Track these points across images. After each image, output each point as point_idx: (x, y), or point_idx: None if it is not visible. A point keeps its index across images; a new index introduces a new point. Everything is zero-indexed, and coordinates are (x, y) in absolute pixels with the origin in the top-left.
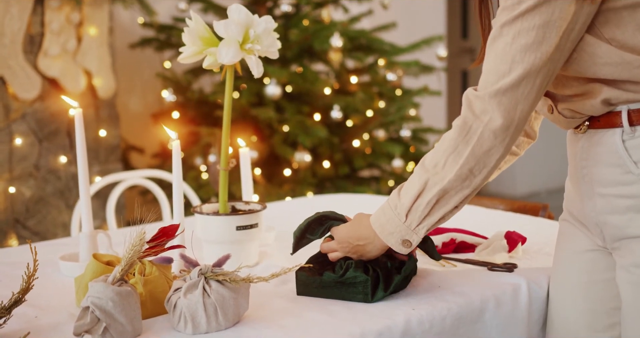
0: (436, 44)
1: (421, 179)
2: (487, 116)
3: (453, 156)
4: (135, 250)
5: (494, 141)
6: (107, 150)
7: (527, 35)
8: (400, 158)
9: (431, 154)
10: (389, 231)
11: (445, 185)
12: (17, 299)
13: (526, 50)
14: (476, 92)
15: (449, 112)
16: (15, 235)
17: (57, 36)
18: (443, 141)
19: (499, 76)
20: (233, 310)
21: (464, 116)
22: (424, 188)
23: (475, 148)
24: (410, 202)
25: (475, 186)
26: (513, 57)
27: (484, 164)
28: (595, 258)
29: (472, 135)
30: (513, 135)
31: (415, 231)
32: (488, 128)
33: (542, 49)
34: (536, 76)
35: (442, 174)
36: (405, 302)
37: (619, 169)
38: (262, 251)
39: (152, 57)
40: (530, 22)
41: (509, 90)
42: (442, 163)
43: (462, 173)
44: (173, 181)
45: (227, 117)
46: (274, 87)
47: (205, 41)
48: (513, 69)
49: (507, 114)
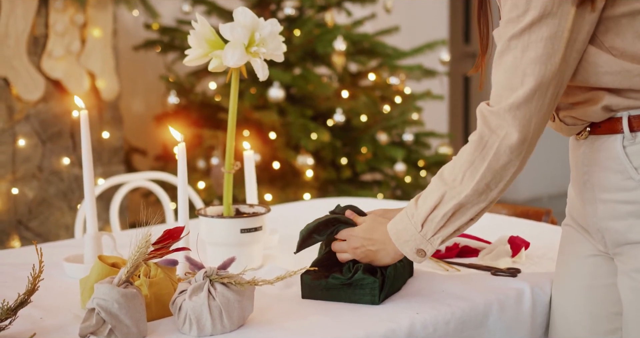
0: (439, 48)
1: (439, 192)
2: (503, 131)
3: (470, 171)
4: (140, 252)
5: (510, 156)
6: (110, 152)
7: (535, 47)
8: (402, 162)
9: (450, 167)
10: (404, 239)
11: (462, 200)
12: (23, 300)
13: (536, 62)
14: (490, 108)
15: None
16: (17, 236)
17: (61, 38)
18: (460, 155)
19: (511, 90)
20: (238, 313)
21: (480, 131)
22: (441, 200)
23: (491, 163)
24: (426, 213)
25: (491, 199)
26: (524, 70)
27: (500, 178)
28: (597, 263)
29: (488, 150)
30: (529, 148)
31: (430, 241)
32: (504, 143)
33: (552, 61)
34: (547, 88)
35: (459, 188)
36: (409, 305)
37: (620, 175)
38: (266, 254)
39: (156, 59)
40: (537, 35)
41: (523, 104)
42: (459, 178)
43: (479, 188)
44: (178, 184)
45: (232, 120)
46: (277, 90)
47: (211, 44)
48: (525, 83)
49: (523, 128)
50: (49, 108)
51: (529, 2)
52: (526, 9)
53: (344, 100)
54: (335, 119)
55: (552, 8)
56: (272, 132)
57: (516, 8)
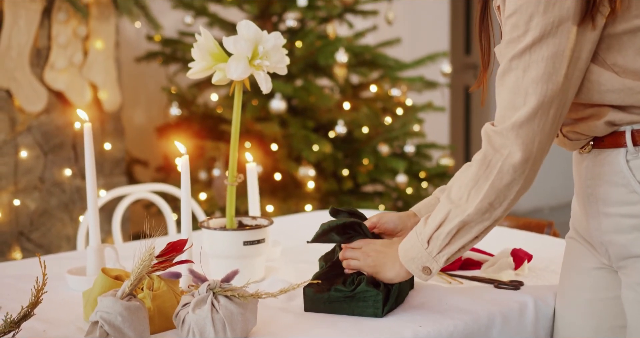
0: (440, 60)
1: (444, 210)
2: (506, 150)
3: (474, 190)
4: (144, 264)
5: (514, 175)
6: (111, 163)
7: (537, 67)
8: (403, 174)
9: (457, 185)
10: (410, 257)
11: (465, 218)
12: (26, 313)
13: (537, 82)
14: (494, 127)
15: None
16: (19, 248)
17: (64, 49)
18: (466, 174)
19: (514, 109)
20: (241, 326)
21: (484, 151)
22: (446, 218)
23: (495, 182)
24: (432, 230)
25: (495, 218)
26: (526, 89)
27: (504, 197)
28: (601, 276)
29: (492, 169)
30: (533, 167)
31: (435, 258)
32: (507, 162)
33: (553, 80)
34: (549, 107)
35: (463, 207)
36: (412, 318)
37: (624, 188)
38: (269, 266)
39: (158, 71)
40: (538, 54)
41: (525, 123)
42: (465, 197)
43: (482, 207)
44: (182, 196)
45: (235, 133)
46: (279, 102)
47: (215, 57)
48: (527, 102)
49: (526, 147)
50: (51, 120)
51: (529, 22)
52: (526, 29)
53: (345, 112)
54: (336, 131)
55: (552, 28)
56: (274, 143)
57: (517, 28)
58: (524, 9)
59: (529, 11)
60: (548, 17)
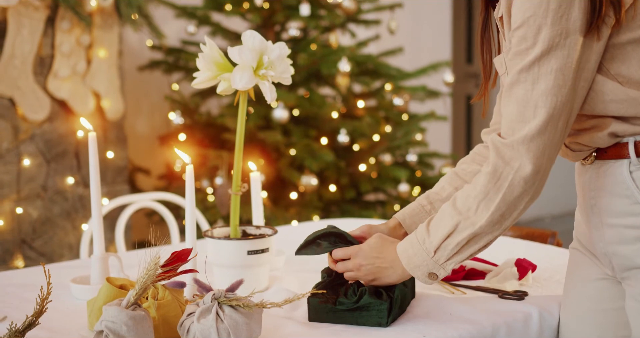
0: (443, 69)
1: (452, 221)
2: (517, 163)
3: (484, 202)
4: (149, 274)
5: (525, 187)
6: (114, 171)
7: (546, 80)
8: (406, 183)
9: (463, 196)
10: (415, 264)
11: (477, 230)
12: (31, 322)
13: (547, 94)
14: (504, 140)
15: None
16: (21, 256)
17: (67, 58)
18: (474, 186)
19: (524, 122)
20: (246, 336)
21: (494, 163)
22: (455, 229)
23: (506, 195)
24: (439, 241)
25: (505, 227)
26: (535, 102)
27: (514, 208)
28: (605, 286)
29: (502, 182)
30: (542, 179)
31: (442, 266)
32: (518, 175)
33: (562, 92)
34: (559, 119)
35: (473, 219)
36: (417, 328)
37: (627, 200)
38: (272, 275)
39: (160, 79)
40: (547, 67)
41: (536, 136)
42: (474, 209)
43: (494, 219)
44: (186, 206)
45: (239, 142)
46: (282, 111)
47: (220, 67)
48: (537, 115)
49: (537, 160)
50: (54, 128)
51: (537, 34)
52: (534, 41)
53: (348, 121)
54: (339, 140)
55: (559, 40)
56: (276, 152)
57: (525, 41)
58: (532, 21)
59: (537, 23)
60: (556, 29)
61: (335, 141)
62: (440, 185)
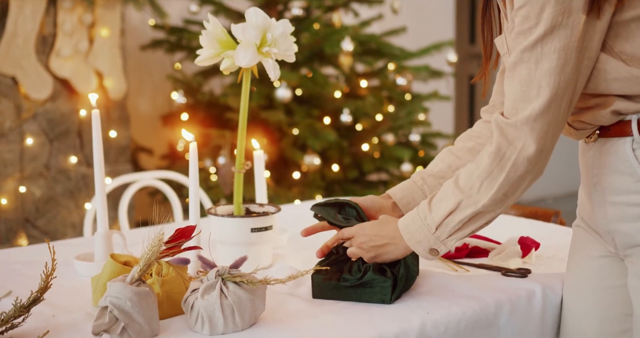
0: (446, 49)
1: (455, 199)
2: (520, 143)
3: (488, 181)
4: (153, 250)
5: (528, 166)
6: (117, 151)
7: (549, 59)
8: (409, 162)
9: (466, 174)
10: (417, 240)
11: (480, 208)
12: (36, 298)
13: (550, 74)
14: (507, 120)
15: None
16: (25, 234)
17: (69, 37)
18: (477, 164)
19: (527, 102)
20: (250, 312)
21: (497, 143)
22: (457, 207)
23: (509, 174)
24: (441, 218)
25: (507, 205)
26: (539, 82)
27: (517, 186)
28: (608, 264)
29: (506, 162)
30: (545, 157)
31: (444, 242)
32: (522, 155)
33: (566, 71)
34: (562, 98)
35: (476, 197)
36: (420, 305)
37: (630, 177)
38: (276, 253)
39: (163, 59)
40: (550, 46)
41: (540, 116)
42: (477, 187)
43: (497, 197)
44: (190, 183)
45: (243, 120)
46: (284, 91)
47: (223, 44)
48: (540, 94)
49: (540, 140)
50: (56, 107)
51: (540, 14)
52: (537, 21)
53: (350, 100)
54: (342, 120)
55: (563, 19)
56: (279, 132)
57: (528, 20)
58: (535, 0)
59: (540, 2)
60: (559, 8)
61: (338, 121)
62: (434, 162)
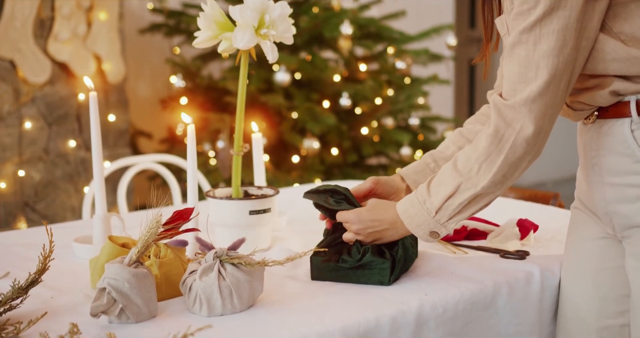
0: (445, 33)
1: (454, 182)
2: (519, 124)
3: (486, 163)
4: (151, 232)
5: (526, 148)
6: (115, 135)
7: (547, 40)
8: (408, 146)
9: (464, 157)
10: (417, 224)
11: (479, 191)
12: (34, 279)
13: (549, 55)
14: (505, 101)
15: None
16: (24, 218)
17: (68, 21)
18: (476, 147)
19: (525, 83)
20: (248, 293)
21: (496, 125)
22: (456, 190)
23: (508, 156)
24: (440, 202)
25: (506, 186)
26: (537, 63)
27: (516, 168)
28: (606, 245)
29: (504, 143)
30: (544, 139)
31: (444, 225)
32: (520, 136)
33: (564, 52)
34: (560, 79)
35: (475, 180)
36: (418, 287)
37: (628, 158)
38: (275, 236)
39: (162, 42)
40: (549, 27)
41: (538, 97)
42: (475, 170)
43: (496, 179)
44: (187, 165)
45: (241, 102)
46: (283, 74)
47: (221, 26)
48: (539, 76)
49: (538, 121)
50: (55, 91)
51: None
52: (536, 1)
53: (350, 84)
54: (341, 103)
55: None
56: (278, 116)
57: (526, 1)
58: None
59: None
60: None
61: (338, 105)
62: (445, 144)
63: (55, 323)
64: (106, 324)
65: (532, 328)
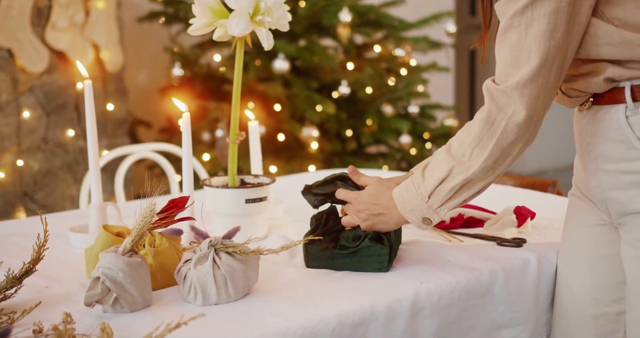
0: (445, 20)
1: (447, 166)
2: (511, 109)
3: (478, 148)
4: (145, 221)
5: (518, 133)
6: (114, 124)
7: (539, 24)
8: (407, 134)
9: (458, 142)
10: (410, 208)
11: (470, 176)
12: (28, 269)
13: (540, 39)
14: (497, 86)
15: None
16: (23, 208)
17: (65, 9)
18: (468, 132)
19: (517, 67)
20: (243, 282)
21: (488, 109)
22: (449, 175)
23: (499, 141)
24: (433, 185)
25: (498, 173)
26: (529, 47)
27: (508, 154)
28: (602, 232)
29: (496, 128)
30: (536, 124)
31: (436, 211)
32: (512, 121)
33: (555, 36)
34: (552, 64)
35: (467, 164)
36: (414, 275)
37: (623, 145)
38: (271, 224)
39: (160, 31)
40: (540, 11)
41: (529, 81)
42: (467, 154)
43: (487, 165)
44: (183, 153)
45: (237, 90)
46: (282, 62)
47: (216, 13)
48: (530, 60)
49: (530, 106)
50: (53, 80)
51: None
52: None
53: (349, 72)
54: (340, 91)
55: None
56: (277, 104)
57: None
58: None
59: None
60: None
61: (337, 93)
62: None
63: (50, 313)
64: (100, 313)
65: (528, 316)
